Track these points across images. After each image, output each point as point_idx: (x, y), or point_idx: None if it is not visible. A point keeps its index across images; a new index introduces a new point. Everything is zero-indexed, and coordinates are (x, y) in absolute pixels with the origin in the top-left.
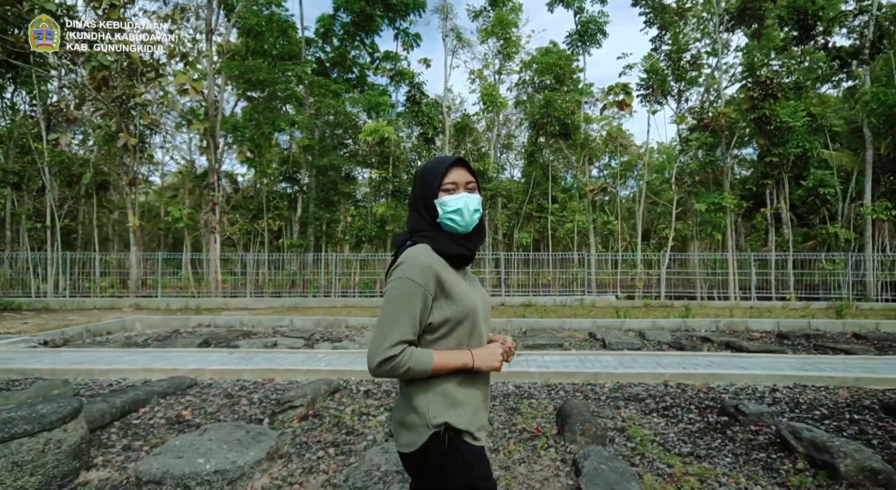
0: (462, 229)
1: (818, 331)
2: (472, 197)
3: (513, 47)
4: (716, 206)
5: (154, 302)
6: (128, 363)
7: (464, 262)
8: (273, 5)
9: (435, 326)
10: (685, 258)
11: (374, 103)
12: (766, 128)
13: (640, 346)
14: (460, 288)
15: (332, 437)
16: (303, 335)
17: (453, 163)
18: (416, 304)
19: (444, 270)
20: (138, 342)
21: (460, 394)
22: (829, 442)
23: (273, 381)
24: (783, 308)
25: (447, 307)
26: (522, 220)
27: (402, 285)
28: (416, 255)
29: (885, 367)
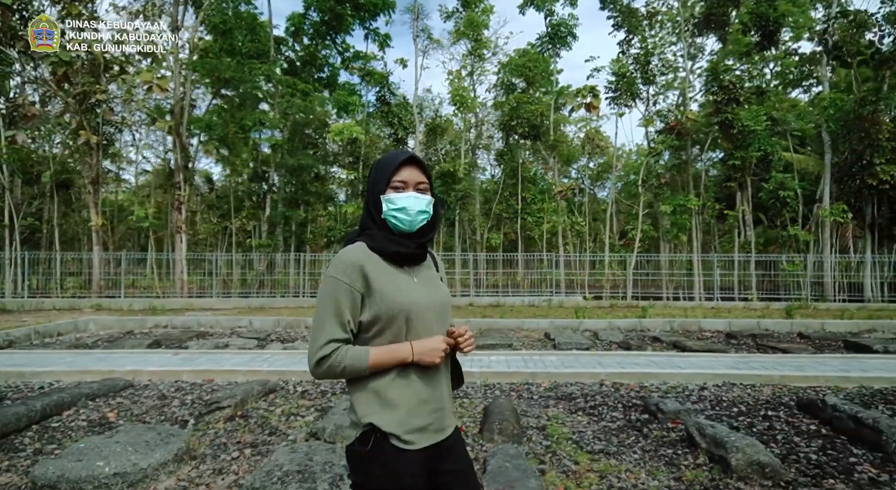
0: (406, 228)
1: (767, 331)
2: (420, 197)
3: (483, 48)
4: (681, 207)
5: (116, 303)
6: (67, 365)
7: (405, 260)
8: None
9: (366, 325)
10: (652, 259)
11: (343, 103)
12: (729, 131)
13: (588, 347)
14: (392, 285)
15: (253, 437)
16: (258, 336)
17: (405, 160)
18: (343, 302)
19: (374, 268)
20: (87, 344)
21: (393, 393)
22: (726, 437)
23: (212, 381)
24: (743, 308)
25: (375, 305)
26: (493, 221)
27: (327, 284)
28: (346, 252)
29: (813, 365)
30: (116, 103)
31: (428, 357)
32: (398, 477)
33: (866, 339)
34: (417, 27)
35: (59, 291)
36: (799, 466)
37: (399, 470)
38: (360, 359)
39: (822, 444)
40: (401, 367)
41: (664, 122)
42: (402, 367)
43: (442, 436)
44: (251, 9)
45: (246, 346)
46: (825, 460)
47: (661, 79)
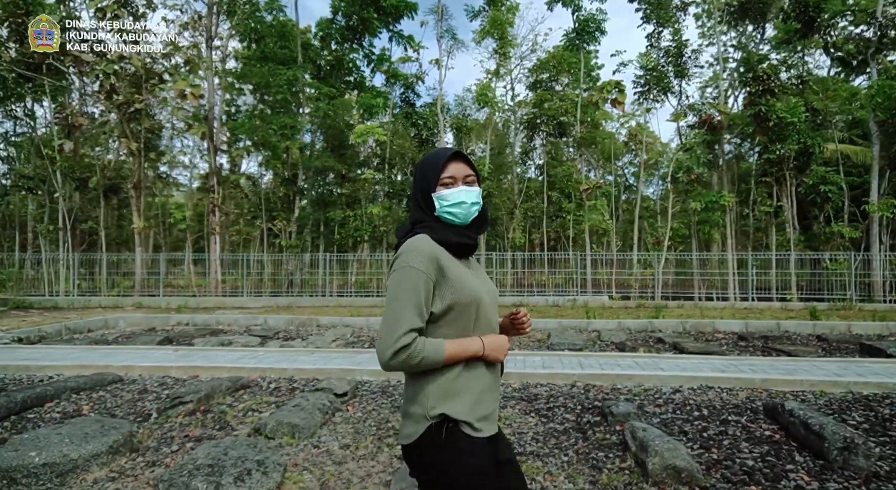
0: (461, 222)
1: (786, 332)
2: (470, 190)
3: (509, 46)
4: (714, 204)
5: (155, 301)
6: (72, 360)
7: (466, 251)
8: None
9: (438, 314)
10: (683, 258)
11: (368, 105)
12: (765, 124)
13: (581, 347)
14: (463, 275)
15: (202, 432)
16: (267, 334)
17: (451, 156)
18: (420, 291)
19: (445, 258)
20: (106, 340)
21: (461, 382)
22: (651, 441)
23: (197, 377)
24: (780, 309)
25: (449, 294)
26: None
27: (404, 273)
28: (417, 243)
29: (808, 368)
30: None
31: (497, 353)
32: (476, 464)
33: (886, 343)
34: (441, 28)
35: (105, 290)
36: (727, 472)
37: (475, 457)
38: (438, 351)
39: (768, 450)
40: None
41: (697, 115)
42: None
43: (497, 425)
44: (281, 16)
45: (249, 343)
46: (760, 467)
47: (695, 71)
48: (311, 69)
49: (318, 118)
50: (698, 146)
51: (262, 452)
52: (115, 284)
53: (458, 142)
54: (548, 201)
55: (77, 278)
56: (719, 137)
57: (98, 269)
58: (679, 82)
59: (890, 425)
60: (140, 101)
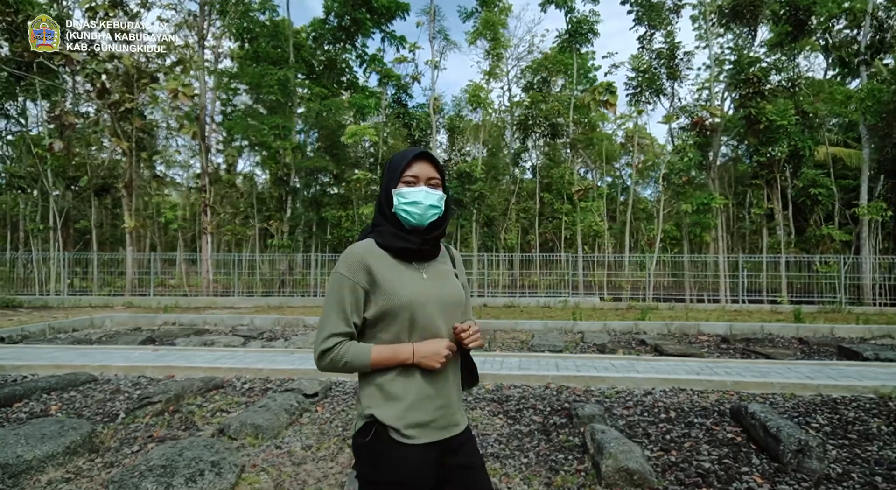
0: (416, 223)
1: (770, 335)
2: (431, 192)
3: (501, 47)
4: (704, 206)
5: (146, 300)
6: (49, 359)
7: (412, 256)
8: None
9: (371, 320)
10: (674, 260)
11: (360, 106)
12: (755, 127)
13: (562, 349)
14: (397, 281)
15: (166, 432)
16: (251, 334)
17: (417, 156)
18: (346, 297)
19: (380, 264)
20: (90, 339)
21: (397, 387)
22: (608, 443)
23: (172, 377)
24: (770, 311)
25: (382, 300)
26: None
27: (333, 279)
28: (352, 249)
29: (782, 371)
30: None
31: (428, 361)
32: (396, 470)
33: (864, 346)
34: (434, 29)
35: (96, 290)
36: (682, 475)
37: (397, 463)
38: (362, 356)
39: (727, 452)
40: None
41: (689, 117)
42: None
43: (449, 433)
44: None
45: (231, 343)
46: (715, 469)
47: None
48: (304, 69)
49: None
50: (690, 148)
51: (218, 453)
52: (106, 283)
53: (451, 143)
54: (541, 203)
55: (68, 277)
56: (711, 139)
57: (90, 269)
58: (672, 84)
59: (852, 428)
60: (130, 101)
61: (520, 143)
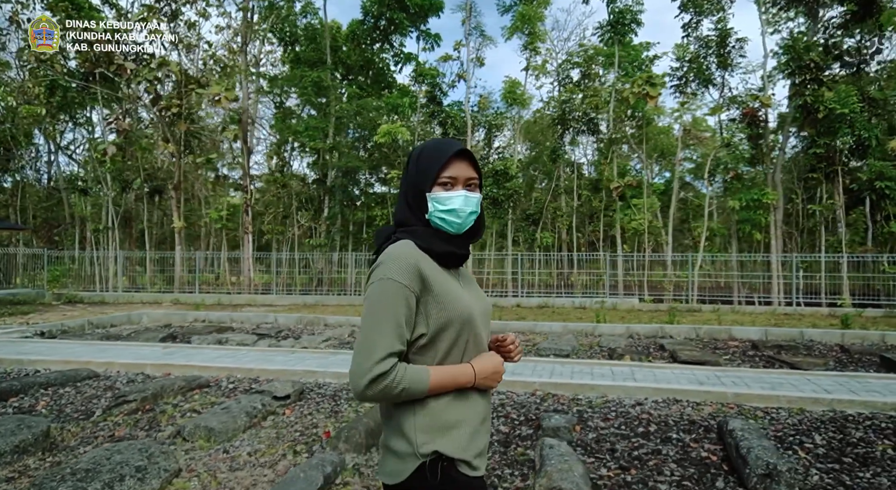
0: (454, 231)
1: (811, 341)
2: (471, 196)
3: (539, 41)
4: (755, 203)
5: (192, 297)
6: (67, 354)
7: (455, 261)
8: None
9: (421, 335)
10: (722, 260)
11: (394, 104)
12: (813, 116)
13: (568, 354)
14: (451, 289)
15: (129, 432)
16: (269, 332)
17: (456, 153)
18: (401, 309)
19: (430, 269)
20: (120, 335)
21: (454, 413)
22: (549, 459)
23: (168, 375)
24: (828, 315)
25: (435, 312)
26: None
27: (383, 287)
28: (398, 250)
29: (799, 383)
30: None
31: (490, 381)
32: None
33: None
34: (469, 25)
35: (149, 287)
36: None
37: None
38: (421, 380)
39: (693, 473)
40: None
41: (740, 108)
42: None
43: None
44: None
45: (245, 341)
46: None
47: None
48: (341, 70)
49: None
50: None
51: (151, 457)
52: (158, 281)
53: (487, 140)
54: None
55: (123, 275)
56: (764, 131)
57: (144, 267)
58: (722, 74)
59: (851, 450)
60: (176, 105)
61: (558, 139)
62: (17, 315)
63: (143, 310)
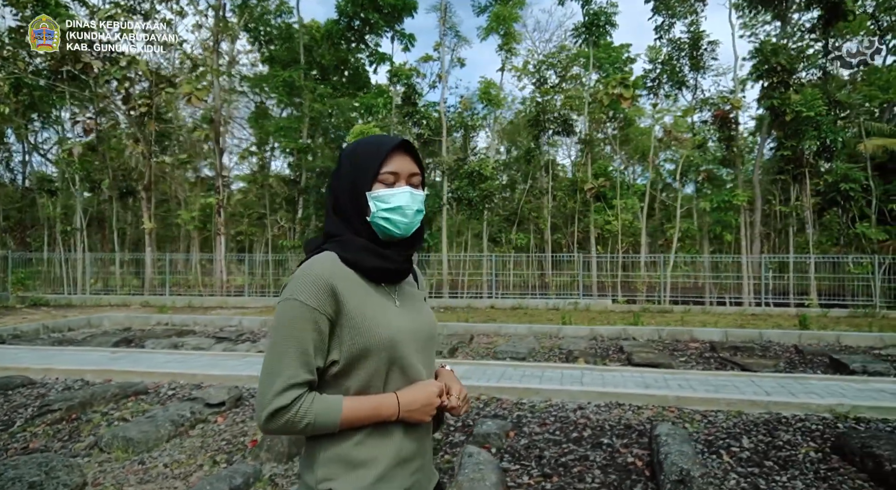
0: (400, 234)
1: (769, 342)
2: (416, 193)
3: (514, 42)
4: (726, 204)
5: (161, 300)
6: (4, 361)
7: (387, 277)
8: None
9: (333, 363)
10: (693, 261)
11: (368, 105)
12: (782, 119)
13: (525, 357)
14: (371, 311)
15: (43, 443)
16: (229, 336)
17: (397, 146)
18: (307, 334)
19: (348, 287)
20: (76, 339)
21: (365, 451)
22: (465, 467)
23: (110, 381)
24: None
25: (349, 338)
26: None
27: (286, 309)
28: (310, 268)
29: (738, 385)
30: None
31: (417, 415)
32: None
33: (857, 357)
34: (444, 26)
35: (118, 289)
36: None
37: None
38: (330, 413)
39: (614, 479)
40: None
41: (710, 110)
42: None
43: None
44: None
45: (200, 345)
46: None
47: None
48: (315, 70)
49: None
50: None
51: (51, 472)
52: (124, 283)
53: (465, 141)
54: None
55: (91, 277)
56: (731, 133)
57: (113, 269)
58: (695, 76)
59: (776, 453)
60: (146, 105)
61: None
62: None
63: (105, 313)
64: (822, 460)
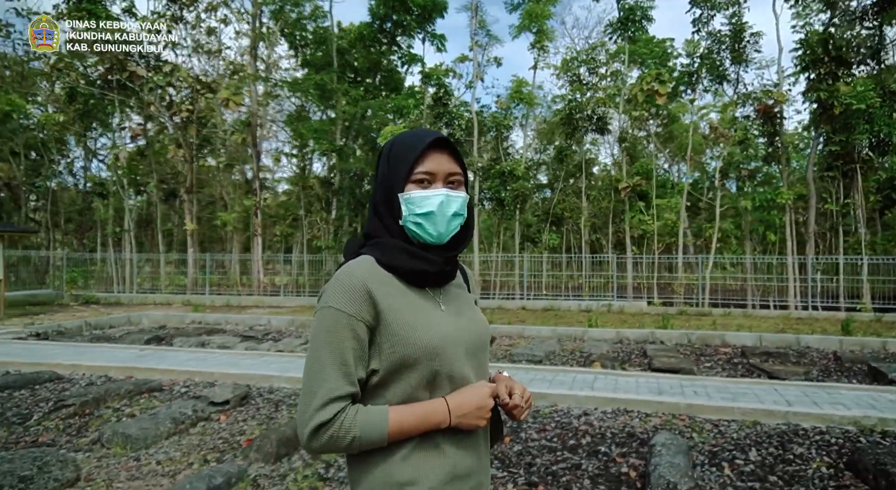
0: (432, 240)
1: (807, 348)
2: (453, 195)
3: (546, 39)
4: (769, 203)
5: (202, 299)
6: (29, 357)
7: (429, 281)
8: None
9: (373, 372)
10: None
11: (399, 106)
12: (830, 112)
13: (541, 360)
14: (411, 317)
15: (52, 437)
16: (256, 335)
17: (433, 143)
18: (347, 343)
19: (386, 292)
20: (114, 336)
21: (409, 470)
22: None
23: (131, 378)
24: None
25: (388, 347)
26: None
27: (324, 318)
28: (346, 273)
29: (759, 393)
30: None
31: (470, 419)
32: None
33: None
34: (474, 24)
35: (163, 288)
36: None
37: None
38: (377, 425)
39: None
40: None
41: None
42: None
43: None
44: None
45: (226, 344)
46: None
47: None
48: (348, 73)
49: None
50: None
51: (45, 466)
52: (170, 282)
53: (497, 141)
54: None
55: (138, 276)
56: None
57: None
58: (736, 70)
59: (784, 467)
60: (185, 110)
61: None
62: (28, 315)
63: (146, 311)
64: (832, 477)
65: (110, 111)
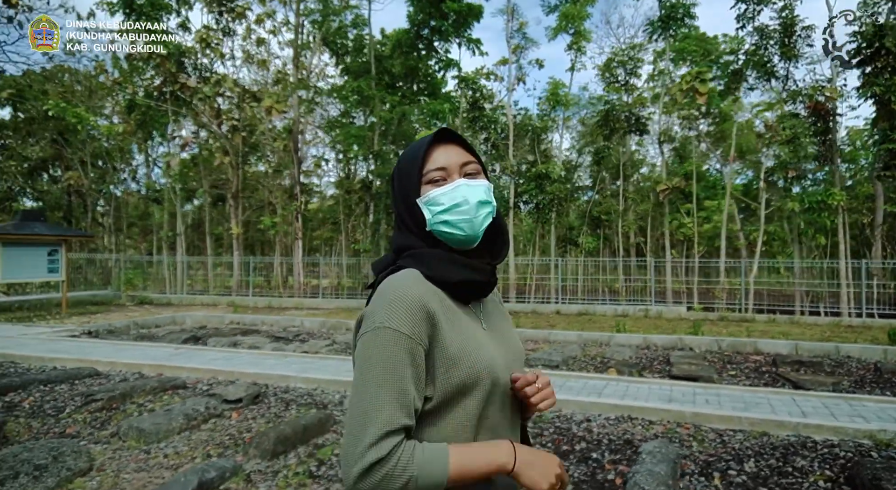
0: (465, 236)
1: (847, 357)
2: (473, 183)
3: (583, 40)
4: (819, 204)
5: (245, 300)
6: (74, 353)
7: (476, 293)
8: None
9: (426, 400)
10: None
11: (435, 111)
12: (888, 108)
13: (557, 364)
14: (469, 338)
15: (78, 429)
16: (287, 336)
17: (437, 139)
18: (405, 369)
19: (442, 309)
20: (156, 335)
21: None
22: None
23: (160, 375)
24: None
25: (442, 371)
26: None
27: (378, 340)
28: (398, 285)
29: (775, 404)
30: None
31: (536, 476)
32: None
33: None
34: (511, 28)
35: (210, 290)
36: None
37: None
38: (437, 464)
39: None
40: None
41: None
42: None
43: None
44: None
45: (256, 344)
46: None
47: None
48: (386, 78)
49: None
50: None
51: (60, 456)
52: (217, 284)
53: (534, 144)
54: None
55: (187, 278)
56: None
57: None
58: (786, 66)
59: (778, 480)
60: (230, 118)
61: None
62: (87, 314)
63: (190, 312)
64: None
65: (166, 121)
